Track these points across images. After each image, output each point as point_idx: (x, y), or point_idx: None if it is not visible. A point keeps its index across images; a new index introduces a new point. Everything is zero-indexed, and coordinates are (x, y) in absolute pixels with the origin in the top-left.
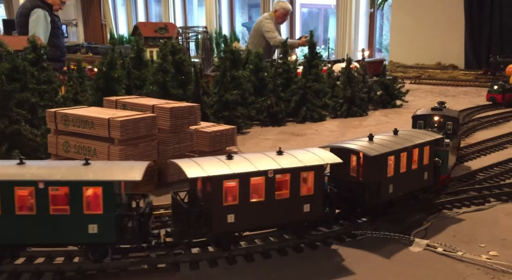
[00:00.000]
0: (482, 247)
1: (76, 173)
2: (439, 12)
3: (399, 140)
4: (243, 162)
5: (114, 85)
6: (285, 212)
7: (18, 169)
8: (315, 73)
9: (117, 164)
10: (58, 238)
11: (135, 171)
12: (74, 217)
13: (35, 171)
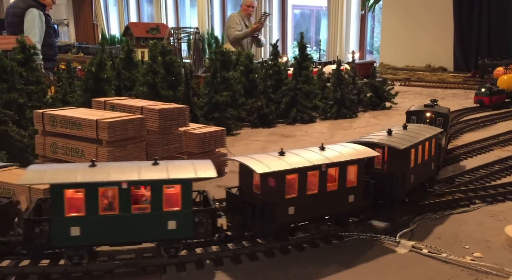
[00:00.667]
0: (466, 249)
1: (154, 172)
2: (429, 16)
3: (412, 134)
4: (297, 157)
5: (104, 86)
6: (334, 203)
7: (98, 171)
8: (306, 75)
9: (184, 163)
10: (140, 237)
11: (208, 169)
12: (154, 214)
13: (114, 172)
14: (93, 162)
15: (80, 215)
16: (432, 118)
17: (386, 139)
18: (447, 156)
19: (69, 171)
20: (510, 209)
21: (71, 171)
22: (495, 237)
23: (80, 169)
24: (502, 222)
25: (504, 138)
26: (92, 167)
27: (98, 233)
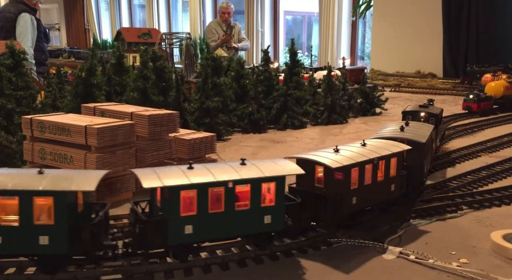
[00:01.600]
0: (453, 255)
1: (250, 171)
2: (419, 23)
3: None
4: (350, 153)
5: (94, 92)
6: (382, 191)
7: (200, 172)
8: (296, 81)
9: (268, 163)
10: (241, 231)
11: (291, 166)
12: (253, 211)
13: (216, 173)
14: (190, 164)
15: (192, 214)
16: (426, 118)
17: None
18: (435, 162)
19: (176, 174)
20: (496, 215)
21: (177, 174)
22: (481, 243)
23: (183, 171)
24: (488, 228)
25: (492, 144)
26: (192, 170)
27: (207, 230)
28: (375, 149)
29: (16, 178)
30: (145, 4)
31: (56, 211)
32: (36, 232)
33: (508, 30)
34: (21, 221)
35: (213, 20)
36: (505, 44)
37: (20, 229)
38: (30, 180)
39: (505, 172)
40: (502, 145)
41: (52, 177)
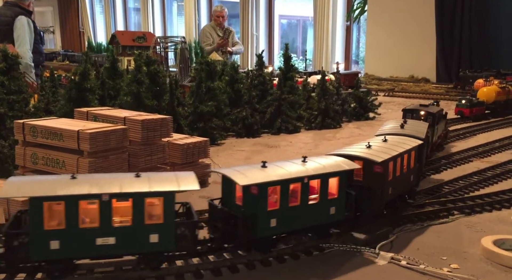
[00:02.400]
0: (444, 260)
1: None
2: (413, 28)
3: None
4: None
5: (87, 96)
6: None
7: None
8: (290, 85)
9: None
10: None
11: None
12: (322, 204)
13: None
14: (263, 163)
15: (275, 208)
16: (425, 116)
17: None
18: (427, 167)
19: (257, 172)
20: (487, 220)
21: (258, 172)
22: (472, 248)
23: (261, 169)
24: (479, 233)
25: (483, 149)
26: (266, 168)
27: (287, 223)
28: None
29: (118, 181)
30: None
31: (165, 211)
32: (147, 231)
33: (501, 35)
34: (134, 221)
35: (207, 24)
36: (498, 50)
37: (133, 229)
38: (136, 183)
39: (496, 177)
40: (493, 150)
41: (149, 179)
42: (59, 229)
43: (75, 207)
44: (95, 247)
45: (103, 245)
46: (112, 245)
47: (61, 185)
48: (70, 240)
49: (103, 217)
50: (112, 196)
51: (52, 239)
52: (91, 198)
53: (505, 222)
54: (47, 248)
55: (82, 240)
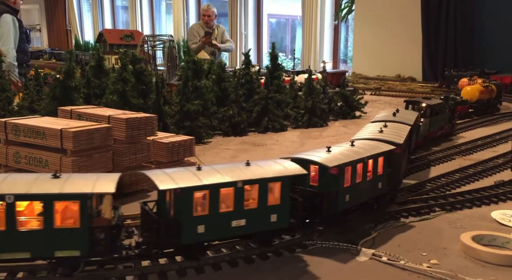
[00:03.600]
0: (424, 256)
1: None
2: (399, 28)
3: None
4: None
5: (72, 94)
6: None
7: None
8: (277, 84)
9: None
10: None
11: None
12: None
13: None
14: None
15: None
16: (425, 108)
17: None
18: (411, 165)
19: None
20: (467, 217)
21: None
22: (451, 244)
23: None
24: (459, 230)
25: (466, 147)
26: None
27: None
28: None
29: (245, 170)
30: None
31: (282, 193)
32: (269, 212)
33: (485, 36)
34: (259, 204)
35: (196, 23)
36: (482, 49)
37: (259, 210)
38: (260, 170)
39: (478, 175)
40: (476, 148)
41: (263, 166)
42: (204, 215)
43: (217, 194)
44: (231, 229)
45: (236, 227)
46: (243, 226)
47: (200, 175)
48: (212, 224)
49: (237, 201)
50: (245, 183)
51: (199, 224)
52: (228, 186)
53: (485, 219)
54: (195, 232)
55: (221, 223)
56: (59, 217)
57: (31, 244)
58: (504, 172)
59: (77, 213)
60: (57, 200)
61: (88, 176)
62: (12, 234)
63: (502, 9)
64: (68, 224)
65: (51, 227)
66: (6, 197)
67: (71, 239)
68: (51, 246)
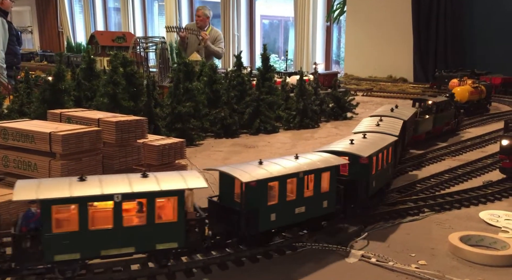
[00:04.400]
0: (412, 257)
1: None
2: (390, 29)
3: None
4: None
5: (62, 97)
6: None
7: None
8: (269, 86)
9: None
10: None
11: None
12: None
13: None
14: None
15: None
16: (431, 105)
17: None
18: (401, 166)
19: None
20: (455, 217)
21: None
22: (439, 244)
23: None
24: (447, 230)
25: (455, 148)
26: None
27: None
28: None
29: (300, 162)
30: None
31: (331, 181)
32: (322, 199)
33: (475, 37)
34: (315, 192)
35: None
36: (472, 50)
37: (315, 198)
38: (312, 163)
39: (467, 175)
40: (465, 149)
41: (313, 159)
42: (275, 204)
43: (284, 185)
44: (294, 215)
45: (298, 213)
46: (303, 213)
47: (267, 168)
48: (281, 211)
49: (299, 190)
50: (305, 173)
51: (271, 213)
52: (292, 177)
53: (473, 219)
54: (269, 220)
55: (287, 211)
56: (159, 212)
57: (135, 239)
58: (492, 172)
59: (175, 208)
60: (158, 197)
61: (173, 174)
62: (119, 231)
63: (492, 10)
64: (167, 219)
65: (153, 222)
66: (114, 196)
67: (170, 232)
68: (152, 240)
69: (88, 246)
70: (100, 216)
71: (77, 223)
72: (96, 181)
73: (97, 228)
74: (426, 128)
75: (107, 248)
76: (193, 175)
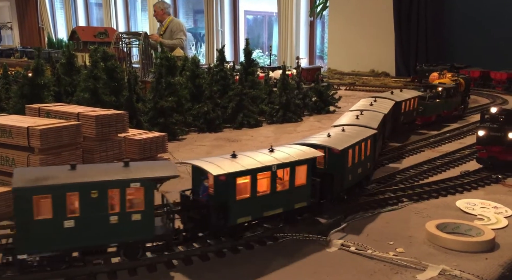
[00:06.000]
0: (390, 245)
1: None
2: (373, 25)
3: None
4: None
5: (41, 92)
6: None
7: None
8: (251, 80)
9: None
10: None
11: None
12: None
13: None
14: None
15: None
16: (442, 91)
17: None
18: (382, 157)
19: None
20: (433, 206)
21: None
22: (417, 232)
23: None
24: (425, 219)
25: (434, 140)
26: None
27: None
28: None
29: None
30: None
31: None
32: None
33: (454, 32)
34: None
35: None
36: (452, 45)
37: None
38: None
39: (445, 166)
40: (443, 141)
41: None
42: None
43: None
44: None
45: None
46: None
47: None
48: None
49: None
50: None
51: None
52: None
53: (450, 208)
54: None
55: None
56: (296, 178)
57: (282, 202)
58: (469, 162)
59: (305, 173)
60: (297, 165)
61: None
62: (273, 196)
63: (471, 5)
64: (300, 183)
65: (293, 186)
66: (272, 167)
67: (302, 194)
68: (292, 202)
69: (256, 210)
70: (260, 184)
71: (250, 191)
72: (244, 157)
73: (261, 194)
74: (435, 111)
75: (267, 210)
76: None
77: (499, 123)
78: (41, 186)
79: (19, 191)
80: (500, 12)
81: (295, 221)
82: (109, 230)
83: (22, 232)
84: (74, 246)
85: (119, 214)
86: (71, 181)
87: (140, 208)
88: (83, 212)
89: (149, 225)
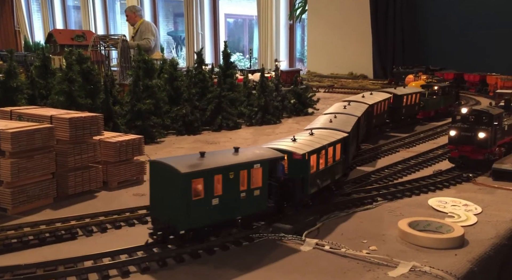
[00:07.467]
0: (364, 243)
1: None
2: (351, 28)
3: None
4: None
5: (14, 95)
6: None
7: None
8: (230, 82)
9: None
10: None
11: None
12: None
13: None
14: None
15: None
16: (438, 89)
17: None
18: (357, 158)
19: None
20: (406, 205)
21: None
22: (390, 231)
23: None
24: (398, 217)
25: (409, 140)
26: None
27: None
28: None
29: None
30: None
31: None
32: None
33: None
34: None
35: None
36: (427, 48)
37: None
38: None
39: (418, 165)
40: (418, 141)
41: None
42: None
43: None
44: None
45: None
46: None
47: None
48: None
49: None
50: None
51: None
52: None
53: (422, 206)
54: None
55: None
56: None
57: (331, 175)
58: (442, 162)
59: (339, 150)
60: (330, 146)
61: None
62: (325, 169)
63: (445, 9)
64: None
65: (335, 160)
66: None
67: (340, 169)
68: (334, 174)
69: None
70: (321, 161)
71: (316, 166)
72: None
73: (320, 168)
74: (434, 106)
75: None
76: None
77: (469, 123)
78: (197, 171)
79: (185, 176)
80: (474, 16)
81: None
82: (239, 205)
83: (184, 211)
84: (217, 220)
85: (246, 191)
86: (214, 166)
87: (259, 184)
88: (224, 191)
89: (264, 199)
